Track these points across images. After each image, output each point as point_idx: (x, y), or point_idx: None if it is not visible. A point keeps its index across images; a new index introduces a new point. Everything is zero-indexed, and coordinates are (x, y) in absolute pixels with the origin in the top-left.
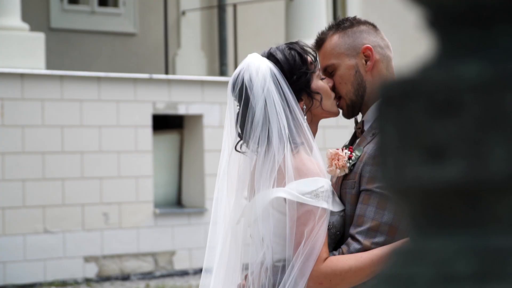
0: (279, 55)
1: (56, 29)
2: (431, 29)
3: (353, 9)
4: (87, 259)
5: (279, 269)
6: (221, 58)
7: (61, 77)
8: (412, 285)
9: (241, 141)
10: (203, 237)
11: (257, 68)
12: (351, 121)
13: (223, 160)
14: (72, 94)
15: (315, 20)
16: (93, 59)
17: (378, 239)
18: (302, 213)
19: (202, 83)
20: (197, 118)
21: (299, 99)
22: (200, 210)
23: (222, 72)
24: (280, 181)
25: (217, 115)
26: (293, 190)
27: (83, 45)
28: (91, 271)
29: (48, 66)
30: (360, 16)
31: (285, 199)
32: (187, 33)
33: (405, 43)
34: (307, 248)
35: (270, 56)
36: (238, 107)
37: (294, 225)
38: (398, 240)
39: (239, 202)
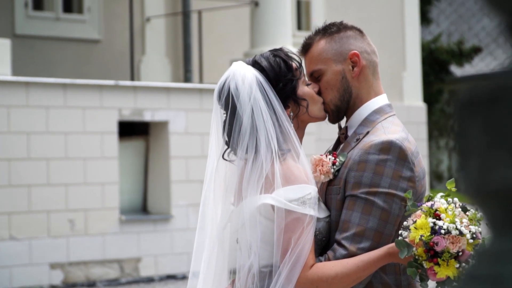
0: (264, 63)
1: (21, 35)
2: (510, 34)
3: (318, 16)
4: (53, 266)
5: (266, 275)
6: (185, 65)
7: (27, 83)
8: (499, 284)
9: (228, 149)
10: (169, 244)
11: (243, 76)
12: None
13: (209, 167)
14: (37, 100)
15: (280, 26)
16: (58, 66)
17: (364, 244)
18: (289, 220)
19: (167, 89)
20: (163, 125)
21: (285, 106)
22: (165, 217)
23: (187, 79)
24: (268, 188)
25: (183, 122)
26: (281, 197)
27: (48, 52)
28: (57, 278)
29: (14, 73)
30: (324, 22)
31: (272, 206)
32: (152, 39)
33: None
34: (294, 255)
35: (255, 64)
36: (225, 115)
37: (281, 232)
38: (383, 245)
39: (226, 208)
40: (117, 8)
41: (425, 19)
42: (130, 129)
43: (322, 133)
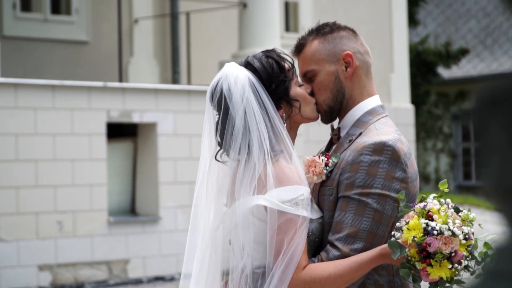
0: (257, 64)
1: (9, 37)
2: None
3: (306, 17)
4: (41, 268)
5: (259, 276)
6: (173, 66)
7: (16, 85)
8: None
9: (221, 150)
10: (157, 245)
11: (235, 77)
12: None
13: (201, 168)
14: (26, 102)
15: (268, 27)
16: (46, 67)
17: (357, 245)
18: (282, 221)
19: (156, 91)
20: (151, 126)
21: (278, 107)
22: (154, 219)
23: (175, 80)
24: (261, 189)
25: (171, 123)
26: (274, 198)
27: (36, 53)
28: (45, 279)
29: (2, 74)
30: (312, 23)
31: (265, 207)
32: (140, 41)
33: None
34: (287, 256)
35: (248, 65)
36: (217, 116)
37: (274, 233)
38: (376, 246)
39: (218, 209)
40: (105, 10)
41: (412, 20)
42: (119, 131)
43: (311, 135)
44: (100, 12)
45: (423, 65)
